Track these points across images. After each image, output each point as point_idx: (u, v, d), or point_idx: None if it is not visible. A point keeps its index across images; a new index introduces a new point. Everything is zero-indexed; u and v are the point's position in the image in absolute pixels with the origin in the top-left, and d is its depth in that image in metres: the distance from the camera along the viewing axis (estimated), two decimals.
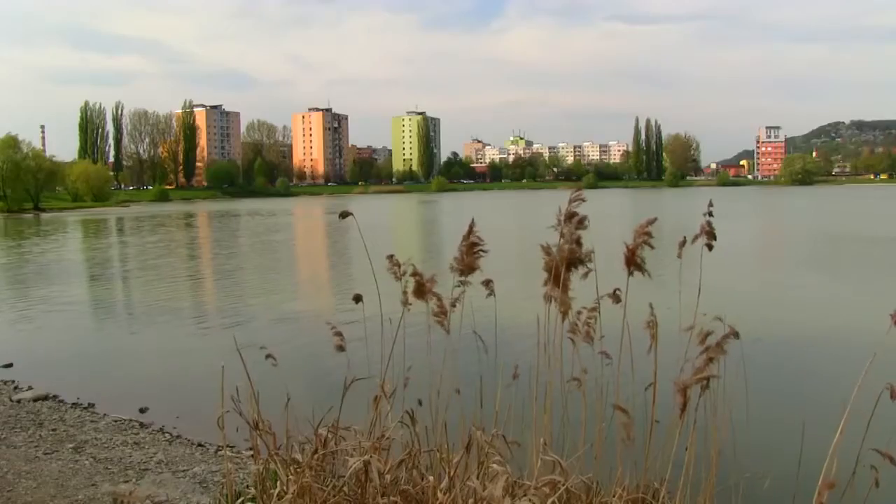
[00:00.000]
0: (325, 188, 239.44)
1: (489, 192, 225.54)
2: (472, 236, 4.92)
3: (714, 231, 4.68)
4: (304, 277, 33.94)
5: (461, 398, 5.23)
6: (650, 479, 4.69)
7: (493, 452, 4.28)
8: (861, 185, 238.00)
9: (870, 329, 3.75)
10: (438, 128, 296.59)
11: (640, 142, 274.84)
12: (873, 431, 3.95)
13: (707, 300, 4.80)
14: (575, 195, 4.62)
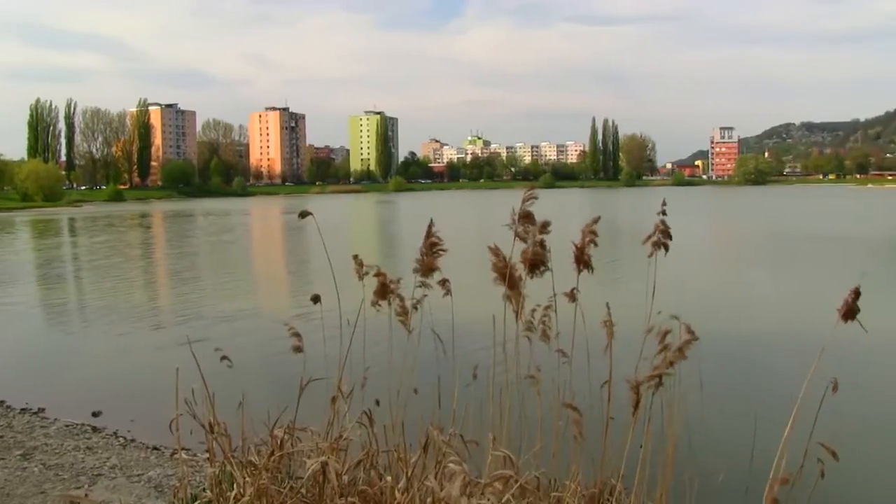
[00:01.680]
0: (283, 188, 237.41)
1: (447, 191, 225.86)
2: (431, 237, 4.92)
3: (669, 231, 4.73)
4: (261, 278, 33.61)
5: (419, 398, 5.23)
6: (606, 476, 4.74)
7: (451, 452, 4.28)
8: (810, 185, 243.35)
9: (818, 325, 3.84)
10: (396, 127, 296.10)
11: (597, 142, 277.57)
12: (821, 424, 4.04)
13: (662, 298, 4.86)
14: (528, 194, 4.64)
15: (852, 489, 7.83)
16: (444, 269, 4.97)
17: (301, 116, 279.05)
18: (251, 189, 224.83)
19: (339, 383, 5.11)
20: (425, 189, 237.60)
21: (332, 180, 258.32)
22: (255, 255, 47.46)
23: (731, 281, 28.31)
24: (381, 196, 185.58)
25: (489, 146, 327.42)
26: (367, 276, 5.02)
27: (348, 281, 5.07)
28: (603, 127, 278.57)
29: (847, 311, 3.72)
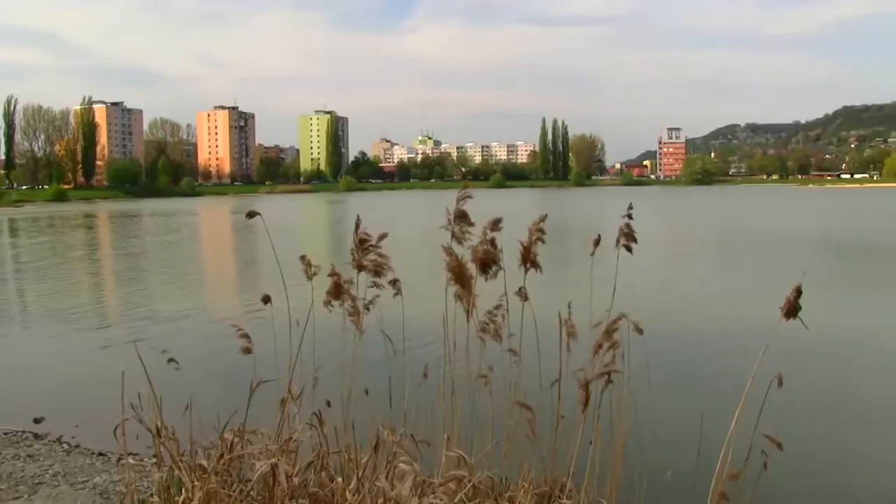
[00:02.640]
0: (232, 188, 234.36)
1: (398, 191, 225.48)
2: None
3: (633, 233, 4.80)
4: (209, 279, 33.07)
5: (370, 398, 5.21)
6: (557, 474, 4.78)
7: (401, 452, 4.27)
8: (755, 184, 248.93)
9: (763, 321, 3.92)
10: (346, 127, 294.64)
11: (547, 142, 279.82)
12: (765, 418, 4.13)
13: (611, 296, 4.91)
14: (462, 194, 4.67)
15: (794, 480, 8.02)
16: (394, 268, 4.96)
17: (250, 115, 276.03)
18: (200, 189, 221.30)
19: (289, 385, 5.07)
20: (376, 189, 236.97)
21: (282, 180, 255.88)
22: (202, 255, 46.69)
23: (679, 279, 28.77)
24: (331, 196, 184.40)
25: (440, 146, 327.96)
26: (317, 277, 4.98)
27: (298, 281, 5.02)
28: (553, 127, 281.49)
29: (789, 309, 3.81)
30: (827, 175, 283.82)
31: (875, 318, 19.03)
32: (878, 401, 12.01)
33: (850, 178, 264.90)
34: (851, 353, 15.17)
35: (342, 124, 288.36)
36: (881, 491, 8.58)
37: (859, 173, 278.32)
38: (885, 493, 8.51)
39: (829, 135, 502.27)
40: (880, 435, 10.42)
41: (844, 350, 15.23)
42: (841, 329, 16.66)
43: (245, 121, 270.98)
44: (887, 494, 8.47)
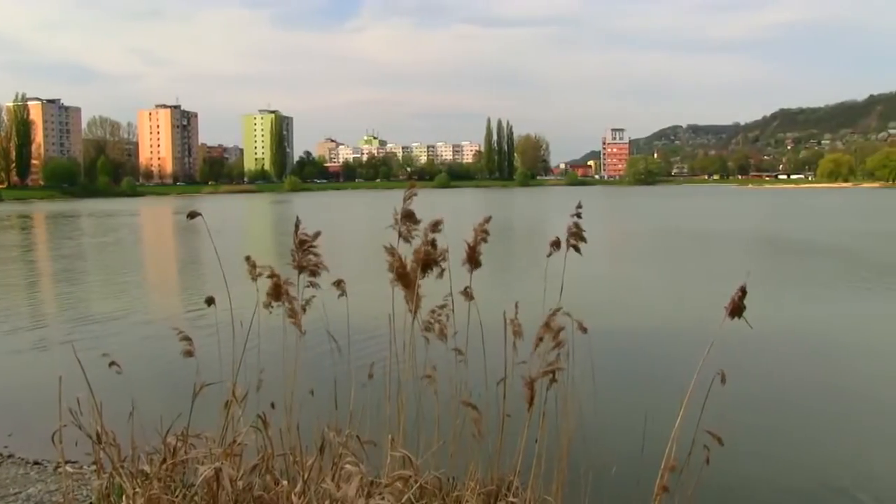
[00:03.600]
0: (174, 188, 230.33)
1: (343, 191, 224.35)
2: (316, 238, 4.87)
3: (582, 233, 4.84)
4: (151, 281, 32.39)
5: (315, 399, 5.18)
6: (503, 472, 4.81)
7: (347, 453, 4.26)
8: (697, 184, 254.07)
9: (705, 318, 4.00)
10: (291, 127, 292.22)
11: (492, 142, 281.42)
12: (709, 414, 4.21)
13: (556, 295, 4.95)
14: (408, 193, 4.67)
15: (735, 474, 8.20)
16: (340, 269, 4.93)
17: (193, 115, 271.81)
18: (141, 189, 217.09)
19: (233, 387, 5.01)
20: (321, 189, 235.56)
21: (226, 180, 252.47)
22: (143, 256, 45.73)
23: (623, 277, 29.17)
24: (276, 196, 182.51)
25: (385, 146, 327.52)
26: (263, 278, 4.93)
27: (241, 283, 4.96)
28: (498, 127, 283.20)
29: (734, 308, 3.90)
30: (765, 176, 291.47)
31: (809, 314, 19.58)
32: (817, 394, 12.35)
33: (787, 179, 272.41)
34: (791, 349, 15.57)
35: (287, 124, 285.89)
36: (821, 481, 8.83)
37: (795, 174, 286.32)
38: (824, 483, 8.77)
39: (767, 136, 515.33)
40: (820, 427, 10.72)
41: (784, 346, 15.63)
42: (778, 325, 17.09)
43: (188, 120, 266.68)
44: (827, 485, 8.72)
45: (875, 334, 17.36)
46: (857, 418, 11.21)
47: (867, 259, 33.37)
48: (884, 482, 8.83)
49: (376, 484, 4.12)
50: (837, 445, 10.05)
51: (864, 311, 20.41)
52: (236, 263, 5.07)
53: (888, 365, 14.52)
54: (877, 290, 24.09)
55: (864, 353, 15.44)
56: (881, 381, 13.38)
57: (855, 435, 10.45)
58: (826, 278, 27.66)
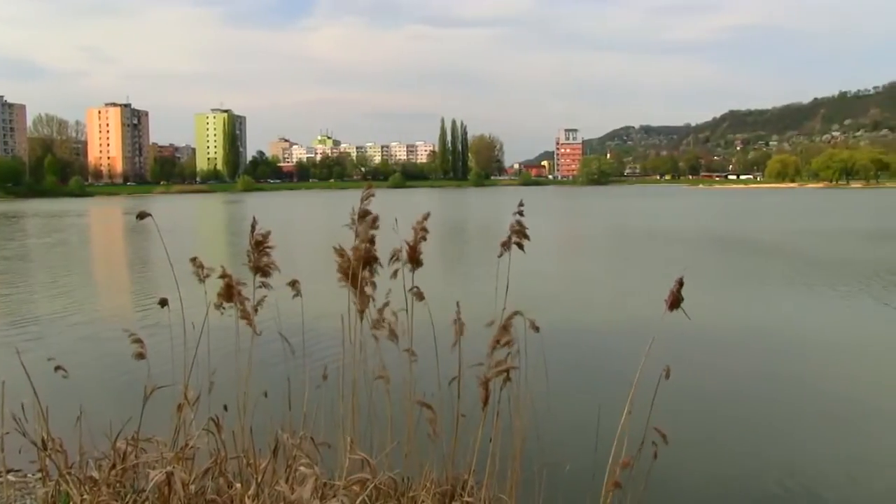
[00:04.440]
0: (124, 188, 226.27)
1: (297, 191, 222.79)
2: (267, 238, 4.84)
3: (526, 231, 4.87)
4: (99, 282, 31.74)
5: (269, 401, 5.13)
6: (458, 472, 4.82)
7: (301, 455, 4.23)
8: (649, 184, 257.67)
9: (653, 315, 4.05)
10: (244, 126, 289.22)
11: (447, 142, 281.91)
12: (657, 409, 4.28)
13: (509, 293, 4.98)
14: (366, 193, 4.67)
15: (684, 468, 8.34)
16: (292, 269, 4.90)
17: (144, 113, 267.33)
18: (90, 189, 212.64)
19: (185, 390, 4.94)
20: (274, 189, 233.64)
21: (178, 180, 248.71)
22: (91, 258, 44.77)
23: (575, 275, 29.45)
24: (229, 196, 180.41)
25: (339, 146, 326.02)
26: (213, 279, 4.87)
27: (193, 284, 4.90)
28: (452, 128, 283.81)
29: (672, 301, 3.97)
30: (715, 176, 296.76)
31: (754, 310, 19.99)
32: (762, 388, 12.60)
33: (737, 179, 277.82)
34: (736, 344, 15.88)
35: (240, 123, 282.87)
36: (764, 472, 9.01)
37: (745, 174, 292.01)
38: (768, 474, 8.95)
39: (717, 137, 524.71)
40: (765, 420, 10.95)
41: (729, 341, 15.93)
42: (724, 321, 17.42)
43: (138, 118, 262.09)
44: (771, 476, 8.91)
45: (815, 329, 17.80)
46: (800, 411, 11.48)
47: (808, 256, 34.17)
48: (824, 473, 9.06)
49: (331, 485, 4.11)
50: (780, 437, 10.28)
51: (804, 307, 20.91)
52: (187, 264, 5.00)
53: (829, 358, 14.91)
54: (817, 286, 24.67)
55: (807, 347, 15.83)
56: (822, 374, 13.73)
57: (797, 427, 10.71)
58: (769, 275, 28.26)
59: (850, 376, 13.70)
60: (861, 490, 8.64)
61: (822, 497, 8.42)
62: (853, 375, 13.77)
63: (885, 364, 14.51)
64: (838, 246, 39.36)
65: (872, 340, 16.66)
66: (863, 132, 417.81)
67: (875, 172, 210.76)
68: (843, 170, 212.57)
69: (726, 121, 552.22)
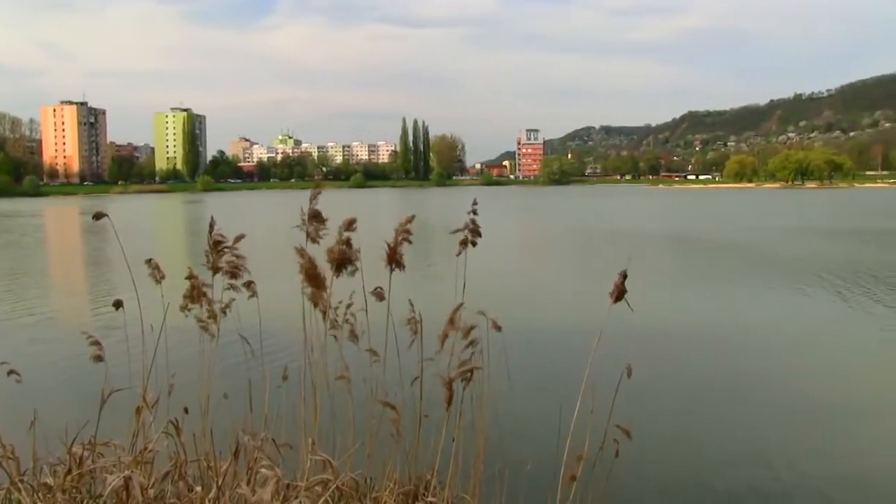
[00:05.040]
0: (81, 188, 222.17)
1: (257, 191, 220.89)
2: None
3: (478, 229, 4.88)
4: (54, 284, 31.11)
5: (230, 403, 5.08)
6: (421, 471, 4.81)
7: (262, 457, 4.19)
8: (609, 184, 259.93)
9: (615, 314, 4.09)
10: (204, 125, 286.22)
11: (408, 142, 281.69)
12: (619, 408, 4.31)
13: (471, 293, 4.99)
14: (314, 193, 4.64)
15: (646, 463, 8.43)
16: (252, 270, 4.85)
17: (101, 112, 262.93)
18: (45, 189, 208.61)
19: (143, 392, 4.87)
20: (235, 189, 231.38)
21: (136, 180, 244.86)
22: (46, 259, 43.87)
23: (536, 275, 29.61)
24: (189, 196, 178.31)
25: (300, 145, 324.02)
26: (172, 280, 4.80)
27: (152, 285, 4.83)
28: (414, 127, 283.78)
29: (617, 293, 4.02)
30: (675, 176, 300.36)
31: (711, 306, 20.28)
32: (720, 383, 12.78)
33: (696, 179, 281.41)
34: (697, 341, 16.09)
35: (199, 122, 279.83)
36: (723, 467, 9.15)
37: (704, 174, 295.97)
38: (729, 466, 9.10)
39: (677, 138, 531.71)
40: (723, 415, 11.11)
41: (690, 338, 16.14)
42: (682, 318, 17.64)
43: (95, 117, 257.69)
44: (731, 468, 9.05)
45: (770, 323, 18.11)
46: (759, 404, 11.67)
47: (764, 254, 34.75)
48: (783, 464, 9.21)
49: (293, 487, 4.07)
50: (740, 430, 10.45)
51: (760, 303, 21.26)
52: (145, 266, 4.92)
53: (786, 352, 15.19)
54: (772, 283, 25.10)
55: (764, 341, 16.10)
56: (779, 367, 13.99)
57: (756, 420, 10.87)
58: (726, 273, 28.75)
59: (805, 369, 14.00)
60: (819, 480, 8.82)
61: (780, 488, 8.57)
62: (808, 368, 14.06)
63: (837, 356, 14.84)
64: (792, 243, 40.10)
65: (824, 334, 17.03)
66: (817, 133, 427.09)
67: (829, 173, 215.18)
68: (799, 170, 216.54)
69: (685, 121, 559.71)
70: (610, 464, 4.28)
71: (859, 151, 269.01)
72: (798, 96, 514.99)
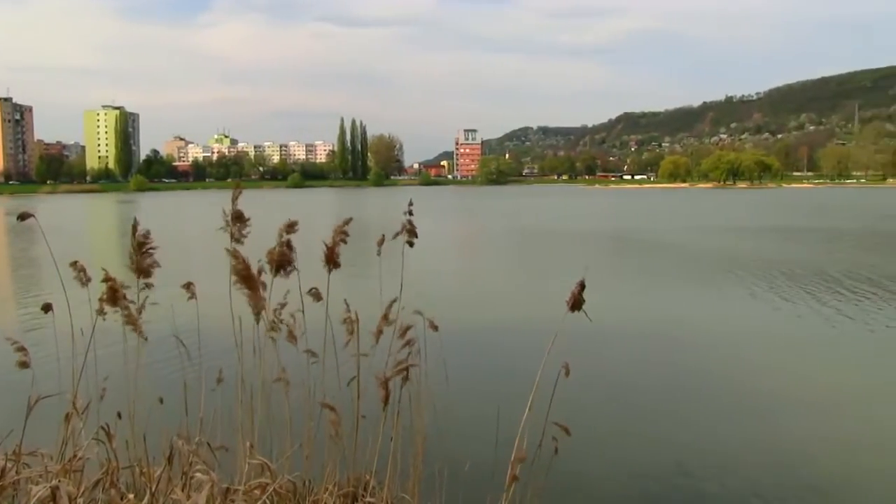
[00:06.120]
0: (6, 187, 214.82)
1: (192, 191, 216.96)
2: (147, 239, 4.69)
3: (415, 229, 4.88)
4: None
5: (165, 407, 4.98)
6: (360, 472, 4.79)
7: (197, 461, 4.11)
8: (546, 184, 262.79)
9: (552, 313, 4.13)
10: (137, 124, 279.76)
11: (346, 142, 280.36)
12: (556, 406, 4.36)
13: (409, 293, 4.99)
14: (235, 193, 4.59)
15: (583, 461, 8.54)
16: (187, 272, 4.77)
17: (27, 108, 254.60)
18: None
19: (73, 399, 4.73)
20: (170, 189, 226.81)
21: (66, 179, 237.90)
22: None
23: (473, 274, 29.73)
24: (121, 196, 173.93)
25: (236, 145, 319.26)
26: (101, 284, 4.68)
27: (81, 288, 4.70)
28: (352, 127, 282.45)
29: (574, 302, 4.05)
30: (611, 176, 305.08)
31: (647, 305, 20.67)
32: (657, 381, 13.04)
33: (631, 179, 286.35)
34: (633, 338, 16.37)
35: (133, 120, 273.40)
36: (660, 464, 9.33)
37: (639, 174, 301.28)
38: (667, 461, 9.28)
39: (613, 138, 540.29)
40: (659, 412, 11.32)
41: (626, 335, 16.41)
42: (620, 317, 17.92)
43: (21, 114, 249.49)
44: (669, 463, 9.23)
45: (703, 319, 18.57)
46: (694, 399, 11.95)
47: (696, 252, 35.56)
48: (721, 458, 9.44)
49: (232, 491, 4.02)
50: (677, 425, 10.67)
51: (692, 299, 21.78)
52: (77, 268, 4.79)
53: (719, 347, 15.57)
54: (705, 280, 25.71)
55: (697, 337, 16.49)
56: (713, 362, 14.34)
57: (693, 415, 11.13)
58: (660, 270, 29.34)
59: (738, 363, 14.36)
60: (751, 468, 9.06)
61: (719, 481, 8.78)
62: (741, 362, 14.44)
63: (769, 350, 15.27)
64: (723, 242, 41.14)
65: (753, 328, 17.51)
66: (747, 135, 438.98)
67: (758, 174, 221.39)
68: (730, 171, 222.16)
69: (621, 122, 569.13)
70: (549, 460, 4.33)
71: (786, 153, 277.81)
72: (729, 99, 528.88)
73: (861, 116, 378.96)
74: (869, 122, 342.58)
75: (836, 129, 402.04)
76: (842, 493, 8.68)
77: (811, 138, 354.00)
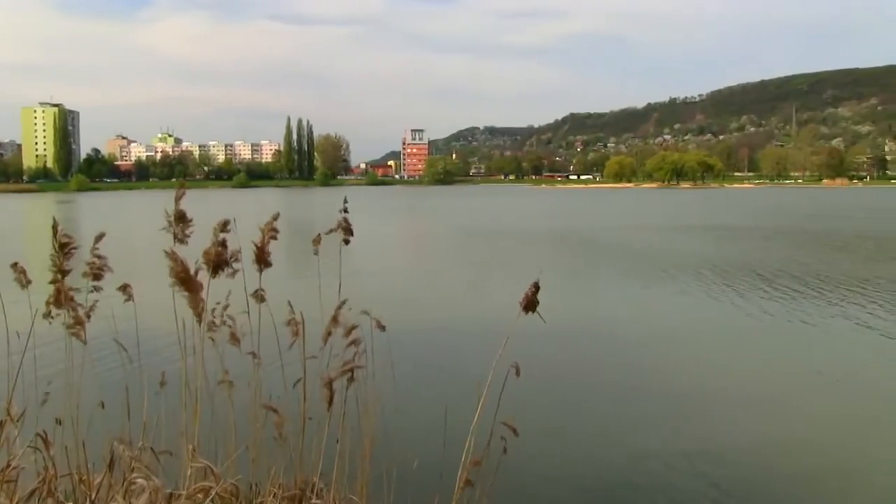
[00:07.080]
0: None
1: (135, 191, 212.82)
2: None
3: (350, 227, 4.84)
4: None
5: (106, 412, 4.87)
6: (307, 474, 4.75)
7: (139, 467, 4.02)
8: (493, 184, 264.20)
9: (501, 314, 4.15)
10: (77, 122, 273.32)
11: (292, 141, 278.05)
12: (504, 406, 4.37)
13: (355, 293, 4.96)
14: (179, 193, 4.52)
15: (531, 460, 8.60)
16: (129, 273, 4.67)
17: None
18: None
19: (8, 405, 4.59)
20: (112, 189, 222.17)
21: (2, 178, 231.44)
22: None
23: (420, 275, 29.74)
24: (61, 196, 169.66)
25: (181, 144, 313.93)
26: (42, 285, 4.56)
27: (15, 290, 4.56)
28: (298, 127, 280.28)
29: (528, 304, 4.07)
30: (557, 176, 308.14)
31: (596, 303, 20.94)
32: (606, 380, 13.21)
33: (577, 179, 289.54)
34: (583, 337, 16.56)
35: (72, 118, 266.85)
36: (608, 464, 9.45)
37: (585, 174, 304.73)
38: (617, 459, 9.40)
39: (559, 139, 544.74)
40: (607, 411, 11.47)
41: (575, 334, 16.59)
42: (568, 317, 18.11)
43: None
44: (619, 460, 9.36)
45: (651, 318, 18.87)
46: (644, 398, 12.13)
47: (640, 251, 36.14)
48: (670, 457, 9.60)
49: (175, 496, 3.95)
50: (627, 424, 10.82)
51: (639, 298, 22.12)
52: (7, 270, 4.65)
53: (668, 346, 15.85)
54: (649, 279, 26.16)
55: (645, 336, 16.75)
56: (663, 361, 14.59)
57: (642, 413, 11.30)
58: (607, 269, 29.78)
59: (683, 359, 14.64)
60: (706, 470, 9.23)
61: (668, 479, 8.93)
62: (686, 358, 14.72)
63: (719, 349, 15.62)
64: (667, 241, 41.87)
65: (697, 325, 17.87)
66: (690, 136, 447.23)
67: (701, 174, 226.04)
68: (674, 171, 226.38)
69: (567, 123, 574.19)
70: (497, 461, 4.34)
71: (728, 154, 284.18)
72: (673, 100, 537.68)
73: (798, 119, 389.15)
74: (805, 125, 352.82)
75: (774, 130, 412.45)
76: (783, 486, 8.91)
77: (751, 139, 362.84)
